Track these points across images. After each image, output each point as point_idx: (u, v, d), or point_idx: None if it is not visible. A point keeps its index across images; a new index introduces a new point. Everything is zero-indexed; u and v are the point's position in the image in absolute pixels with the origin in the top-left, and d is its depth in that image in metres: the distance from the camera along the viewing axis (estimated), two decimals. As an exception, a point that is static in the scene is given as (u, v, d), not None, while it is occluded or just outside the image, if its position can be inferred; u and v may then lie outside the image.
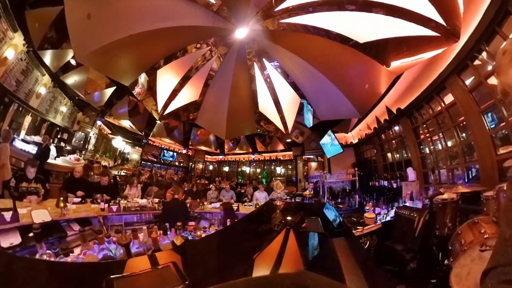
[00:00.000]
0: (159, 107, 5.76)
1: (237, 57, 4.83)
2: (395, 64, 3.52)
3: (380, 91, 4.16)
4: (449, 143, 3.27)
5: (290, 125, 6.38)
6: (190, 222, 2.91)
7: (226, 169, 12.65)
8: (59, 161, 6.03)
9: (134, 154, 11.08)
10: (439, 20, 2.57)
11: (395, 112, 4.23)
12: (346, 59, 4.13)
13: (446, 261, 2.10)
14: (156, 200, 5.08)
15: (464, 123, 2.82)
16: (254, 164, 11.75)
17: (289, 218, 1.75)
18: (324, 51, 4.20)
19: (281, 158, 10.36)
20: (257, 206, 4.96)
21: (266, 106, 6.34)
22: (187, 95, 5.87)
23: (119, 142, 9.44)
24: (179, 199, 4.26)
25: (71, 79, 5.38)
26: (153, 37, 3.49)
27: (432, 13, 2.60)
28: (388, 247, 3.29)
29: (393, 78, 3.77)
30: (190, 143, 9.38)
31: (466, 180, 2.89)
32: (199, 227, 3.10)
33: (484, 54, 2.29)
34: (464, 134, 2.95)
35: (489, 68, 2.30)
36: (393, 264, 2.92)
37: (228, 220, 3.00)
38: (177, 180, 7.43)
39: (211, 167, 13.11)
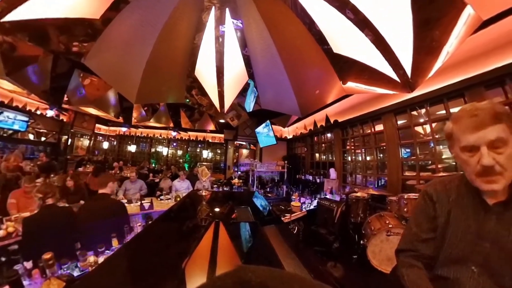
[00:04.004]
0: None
1: (194, -16, 3.01)
2: (350, 84, 3.99)
3: (327, 101, 4.64)
4: (368, 158, 4.53)
5: (228, 103, 5.43)
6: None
7: (132, 148, 8.95)
8: None
9: None
10: (408, 70, 3.19)
11: (332, 122, 5.05)
12: (312, 60, 4.03)
13: (362, 242, 2.87)
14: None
15: (384, 147, 3.97)
16: (174, 144, 9.21)
17: (217, 209, 1.60)
18: (296, 40, 3.77)
19: (210, 140, 8.89)
20: (178, 199, 4.06)
21: (205, 72, 4.72)
22: (77, 4, 2.84)
23: None
24: (55, 205, 2.35)
25: None
26: None
27: (406, 62, 3.14)
28: (314, 231, 4.08)
29: (343, 95, 4.35)
30: (66, 98, 4.94)
31: (375, 186, 4.23)
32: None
33: (423, 111, 3.23)
34: (381, 155, 4.19)
35: (421, 120, 3.32)
36: (320, 245, 3.70)
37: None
38: (32, 171, 4.08)
39: (106, 145, 8.65)
